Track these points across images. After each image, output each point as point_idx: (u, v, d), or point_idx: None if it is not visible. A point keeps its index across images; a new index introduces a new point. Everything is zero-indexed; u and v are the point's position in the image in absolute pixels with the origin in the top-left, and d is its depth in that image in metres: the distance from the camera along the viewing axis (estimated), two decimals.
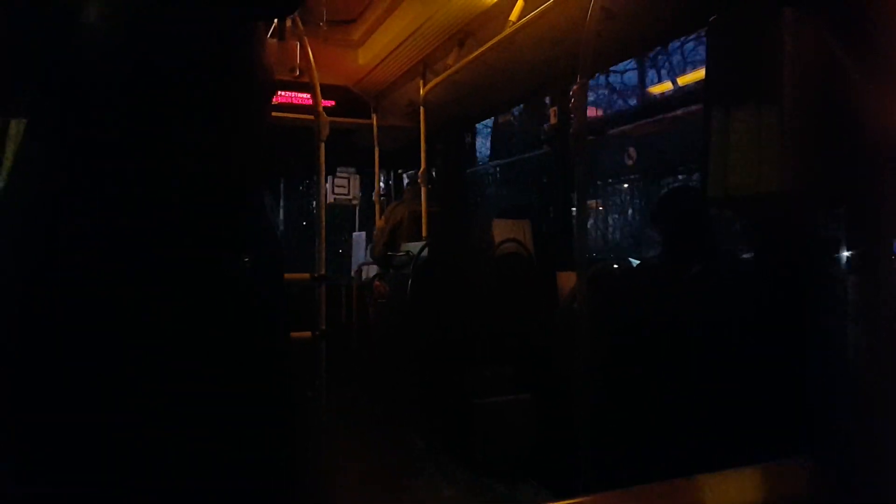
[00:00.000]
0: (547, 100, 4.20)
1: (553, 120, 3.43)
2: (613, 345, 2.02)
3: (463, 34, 3.02)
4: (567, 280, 2.76)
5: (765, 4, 0.64)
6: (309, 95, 3.01)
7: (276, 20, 2.74)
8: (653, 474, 0.71)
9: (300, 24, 2.57)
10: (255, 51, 0.89)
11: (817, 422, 0.70)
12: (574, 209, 2.96)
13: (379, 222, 4.19)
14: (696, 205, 2.43)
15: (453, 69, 3.03)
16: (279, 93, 3.78)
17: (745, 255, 2.12)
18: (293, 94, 3.89)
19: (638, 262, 2.94)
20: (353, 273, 4.54)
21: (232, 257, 0.79)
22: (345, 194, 5.57)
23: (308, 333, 2.23)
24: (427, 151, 3.68)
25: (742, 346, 1.71)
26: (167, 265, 0.73)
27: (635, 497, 0.58)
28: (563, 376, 2.20)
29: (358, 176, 5.65)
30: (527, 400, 2.80)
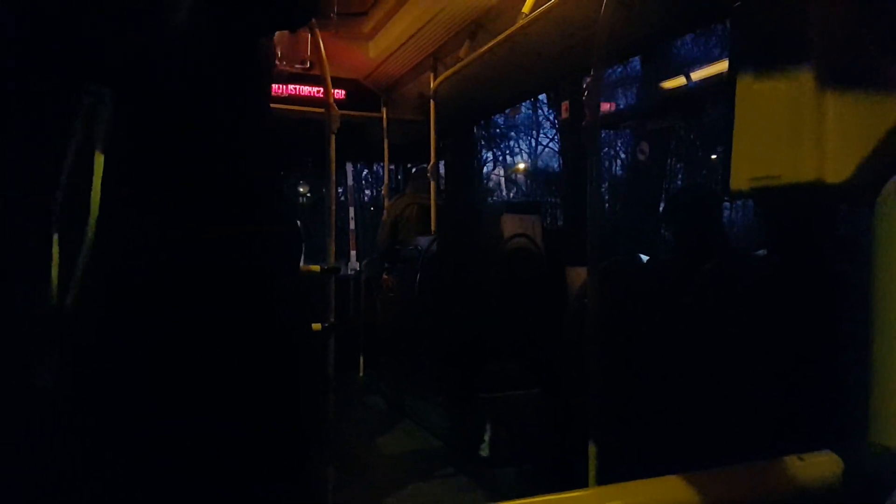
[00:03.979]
0: None
1: (564, 114, 3.41)
2: (623, 341, 2.01)
3: (474, 27, 3.01)
4: (577, 275, 2.75)
5: None
6: (320, 88, 3.01)
7: None
8: (664, 470, 0.70)
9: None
10: (264, 44, 0.92)
11: (839, 415, 0.69)
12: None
13: (384, 216, 4.19)
14: (707, 201, 2.41)
15: (464, 62, 3.01)
16: (290, 85, 3.79)
17: (757, 252, 2.10)
18: (303, 86, 3.89)
19: (648, 258, 2.93)
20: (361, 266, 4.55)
21: (251, 244, 0.80)
22: None
23: (318, 325, 2.23)
24: (437, 145, 3.67)
25: (754, 342, 1.70)
26: (188, 253, 0.74)
27: (654, 488, 0.57)
28: (572, 372, 2.19)
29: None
30: (536, 395, 2.80)
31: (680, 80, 3.52)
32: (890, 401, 0.58)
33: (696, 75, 3.32)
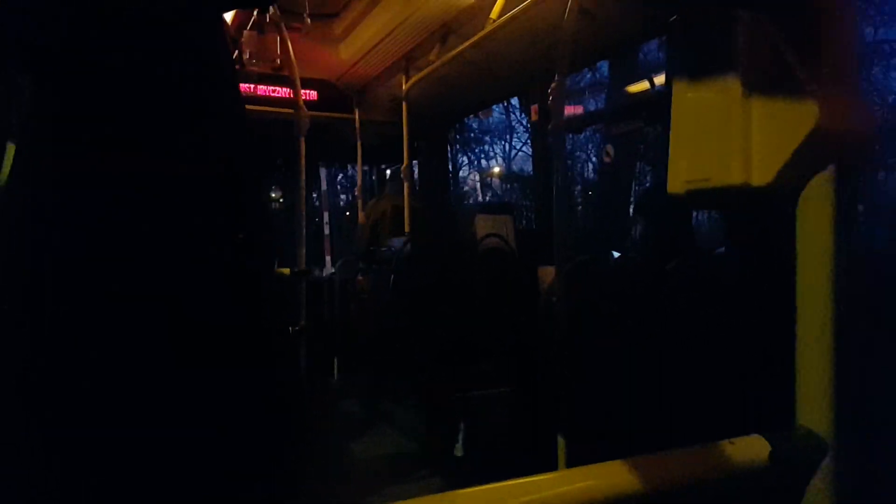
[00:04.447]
0: None
1: (534, 117, 3.46)
2: (591, 336, 2.05)
3: (445, 31, 3.04)
4: (548, 275, 2.79)
5: (721, 6, 0.67)
6: (290, 89, 2.99)
7: (255, 12, 2.73)
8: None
9: (280, 17, 2.56)
10: (226, 37, 0.91)
11: (769, 404, 0.74)
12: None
13: (361, 218, 4.19)
14: (674, 202, 2.47)
15: (435, 65, 3.04)
16: (260, 86, 3.77)
17: (719, 250, 2.17)
18: (275, 87, 3.87)
19: (618, 255, 2.99)
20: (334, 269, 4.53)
21: (226, 233, 0.80)
22: None
23: (288, 328, 2.23)
24: (409, 146, 3.69)
25: (714, 336, 1.76)
26: (161, 242, 0.74)
27: (595, 473, 0.61)
28: (544, 371, 2.23)
29: None
30: (508, 394, 2.83)
31: (644, 85, 3.60)
32: (813, 386, 0.63)
33: (659, 80, 3.41)
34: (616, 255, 2.98)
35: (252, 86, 3.70)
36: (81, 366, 0.70)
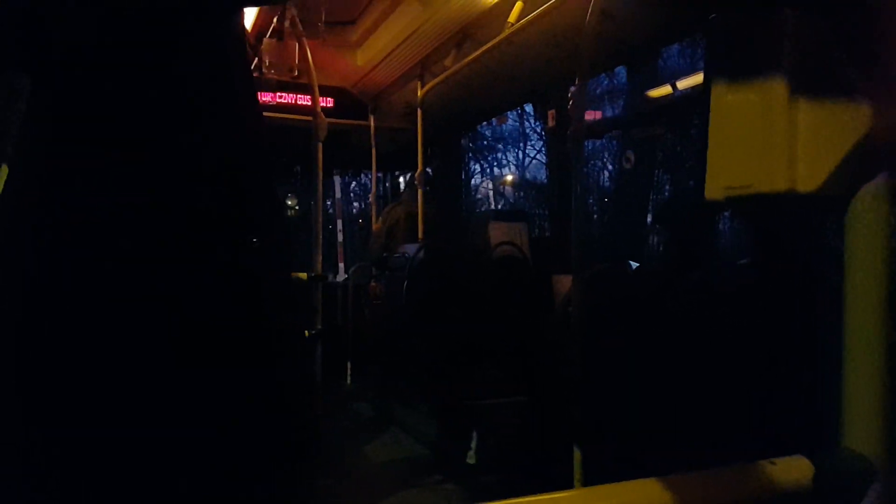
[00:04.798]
0: None
1: (551, 122, 3.44)
2: (608, 348, 2.02)
3: (461, 36, 3.02)
4: (563, 283, 2.76)
5: (764, 3, 0.65)
6: (307, 96, 3.01)
7: (274, 20, 2.76)
8: (647, 476, 0.71)
9: (299, 24, 2.57)
10: (242, 40, 0.92)
11: (811, 422, 0.70)
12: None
13: (376, 224, 4.19)
14: (695, 211, 2.43)
15: (451, 71, 3.03)
16: (278, 94, 3.80)
17: (742, 261, 2.13)
18: (292, 95, 3.90)
19: (636, 265, 2.95)
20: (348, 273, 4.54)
21: (239, 237, 0.79)
22: None
23: (305, 332, 2.22)
24: (424, 153, 3.68)
25: (737, 350, 1.72)
26: (172, 244, 0.74)
27: (633, 490, 0.58)
28: (558, 379, 2.19)
29: None
30: (521, 402, 2.80)
31: (666, 90, 3.57)
32: (861, 406, 0.59)
33: (683, 84, 3.36)
34: (634, 265, 2.95)
35: (270, 93, 3.73)
36: (80, 365, 0.70)
